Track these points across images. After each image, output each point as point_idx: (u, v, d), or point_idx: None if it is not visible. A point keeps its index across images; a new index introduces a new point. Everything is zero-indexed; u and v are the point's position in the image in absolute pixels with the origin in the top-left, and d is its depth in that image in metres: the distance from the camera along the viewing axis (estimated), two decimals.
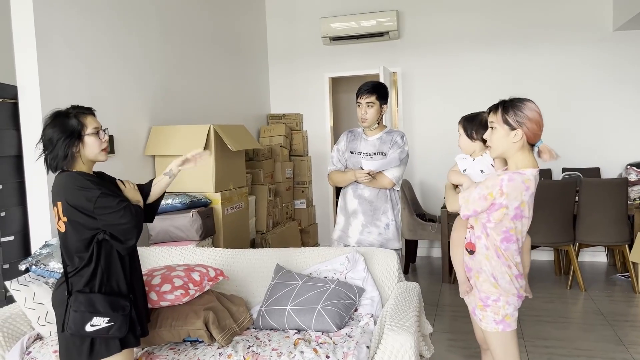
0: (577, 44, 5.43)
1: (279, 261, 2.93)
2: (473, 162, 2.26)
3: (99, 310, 1.89)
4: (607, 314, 3.97)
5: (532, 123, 1.93)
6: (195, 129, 3.72)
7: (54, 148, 1.95)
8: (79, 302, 1.89)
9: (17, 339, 2.43)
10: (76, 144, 1.97)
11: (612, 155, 5.41)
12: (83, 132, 1.98)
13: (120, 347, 1.95)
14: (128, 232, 1.95)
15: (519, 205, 1.93)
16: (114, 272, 1.99)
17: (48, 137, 1.97)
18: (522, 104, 1.96)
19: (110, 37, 3.47)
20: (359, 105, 3.08)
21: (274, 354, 2.24)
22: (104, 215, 1.91)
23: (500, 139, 1.98)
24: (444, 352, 3.40)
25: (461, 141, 2.31)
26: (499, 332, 2.04)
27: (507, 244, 1.99)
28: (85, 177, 1.97)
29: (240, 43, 5.53)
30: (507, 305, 2.02)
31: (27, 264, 2.66)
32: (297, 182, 5.97)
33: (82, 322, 1.88)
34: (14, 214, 2.96)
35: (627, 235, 4.51)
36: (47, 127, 1.99)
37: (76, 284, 1.93)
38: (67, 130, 1.96)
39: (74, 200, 1.91)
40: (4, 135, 2.89)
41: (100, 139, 2.03)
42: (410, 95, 5.94)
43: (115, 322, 1.91)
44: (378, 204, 3.08)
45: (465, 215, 2.03)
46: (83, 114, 2.02)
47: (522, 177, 1.92)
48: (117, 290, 1.98)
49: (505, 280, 2.01)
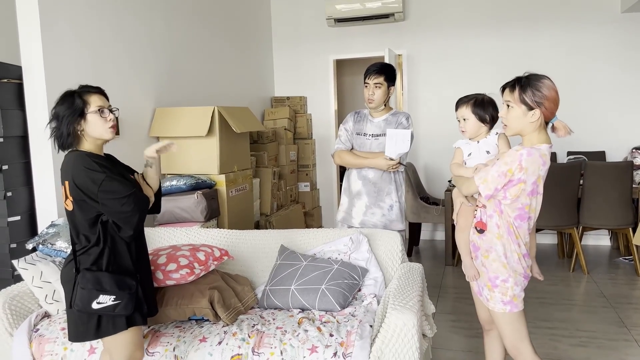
0: (584, 26, 5.37)
1: (283, 242, 2.95)
2: (478, 145, 2.24)
3: (105, 288, 1.92)
4: (609, 297, 3.99)
5: (550, 102, 1.90)
6: (200, 111, 3.71)
7: (60, 126, 1.97)
8: (86, 280, 1.92)
9: (24, 317, 2.46)
10: (79, 122, 1.98)
11: (618, 139, 5.38)
12: (86, 110, 1.99)
13: (127, 325, 1.98)
14: (127, 221, 1.94)
15: (535, 180, 1.92)
16: (120, 251, 2.01)
17: (55, 116, 1.99)
18: (539, 83, 1.90)
19: (115, 18, 3.46)
20: (366, 86, 3.06)
21: (278, 332, 2.27)
22: (107, 200, 1.91)
23: (518, 119, 1.94)
24: (446, 332, 3.43)
25: (468, 126, 2.22)
26: (506, 313, 2.05)
27: (520, 221, 1.98)
28: (93, 158, 1.97)
29: (244, 25, 5.49)
30: (515, 286, 2.02)
31: (34, 243, 2.69)
32: (301, 165, 5.97)
33: (89, 299, 1.90)
34: (20, 194, 2.98)
35: (631, 219, 4.51)
36: (56, 106, 2.01)
37: (84, 262, 1.96)
38: (70, 107, 1.97)
39: (79, 181, 1.92)
40: (9, 115, 2.90)
41: (105, 117, 2.02)
42: (416, 78, 5.90)
43: (121, 300, 1.93)
44: (382, 185, 3.08)
45: (487, 195, 1.97)
46: (88, 93, 2.02)
47: (539, 152, 1.91)
48: (123, 269, 2.00)
49: (514, 259, 2.01)
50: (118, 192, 1.92)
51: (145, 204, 2.02)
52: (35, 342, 2.36)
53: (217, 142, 3.70)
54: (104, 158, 2.06)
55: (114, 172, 1.99)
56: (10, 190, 2.92)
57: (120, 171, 2.05)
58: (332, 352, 2.13)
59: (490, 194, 1.97)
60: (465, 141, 2.29)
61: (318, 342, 2.17)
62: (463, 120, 2.24)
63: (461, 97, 2.28)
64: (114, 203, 1.91)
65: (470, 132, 2.24)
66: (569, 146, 5.43)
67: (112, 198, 1.91)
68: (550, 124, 1.96)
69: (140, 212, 1.97)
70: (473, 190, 2.05)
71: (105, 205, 1.91)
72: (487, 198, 2.01)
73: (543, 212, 2.09)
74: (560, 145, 5.44)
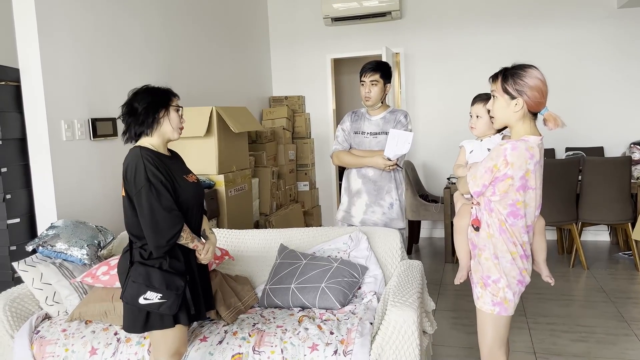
0: (581, 22, 5.38)
1: (282, 241, 2.95)
2: (481, 143, 2.22)
3: (154, 285, 1.94)
4: (609, 292, 4.00)
5: (534, 91, 1.86)
6: (198, 111, 3.72)
7: (143, 113, 2.02)
8: (137, 273, 1.96)
9: (25, 319, 2.47)
10: (163, 112, 2.04)
11: (616, 134, 5.39)
12: (170, 102, 2.07)
13: (174, 323, 2.00)
14: (148, 235, 1.95)
15: (523, 174, 1.86)
16: (172, 252, 2.01)
17: (138, 104, 2.03)
18: (522, 72, 1.88)
19: (112, 19, 3.46)
20: (362, 84, 3.06)
21: (279, 331, 2.27)
22: (138, 209, 1.95)
23: (501, 109, 1.93)
24: (447, 329, 3.43)
25: (480, 123, 2.19)
26: (493, 315, 1.98)
27: (513, 219, 1.91)
28: (154, 156, 1.99)
29: (241, 25, 5.49)
30: (507, 289, 1.95)
31: (34, 245, 2.69)
32: (300, 164, 5.98)
33: (137, 293, 1.94)
34: (19, 197, 2.98)
35: (630, 214, 4.52)
36: (137, 95, 2.06)
37: (137, 256, 2.00)
38: (157, 98, 2.04)
39: (127, 176, 1.97)
40: (7, 118, 2.90)
41: (180, 116, 2.11)
42: (413, 76, 5.91)
43: (167, 299, 1.94)
44: (382, 183, 3.09)
45: (475, 192, 1.95)
46: (170, 91, 2.11)
47: (525, 145, 1.85)
48: (175, 269, 2.00)
49: (506, 259, 1.94)
50: (146, 211, 1.92)
51: (171, 230, 1.95)
52: (36, 344, 2.36)
53: (215, 142, 3.70)
54: (166, 157, 2.09)
55: (168, 176, 1.99)
56: (10, 193, 2.92)
57: (173, 171, 2.06)
58: (332, 349, 2.14)
59: (479, 190, 1.94)
60: (470, 140, 2.28)
61: (318, 340, 2.18)
62: (476, 117, 2.22)
63: (480, 94, 2.23)
64: (142, 219, 1.94)
65: (479, 130, 2.22)
66: (567, 142, 5.44)
67: (141, 212, 1.94)
68: (540, 116, 1.91)
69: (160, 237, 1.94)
70: (467, 188, 2.00)
71: (138, 213, 1.95)
72: (476, 195, 1.98)
73: (542, 208, 2.05)
74: (558, 141, 5.45)
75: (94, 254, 2.73)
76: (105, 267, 2.52)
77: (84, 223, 2.85)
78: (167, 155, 2.12)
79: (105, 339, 2.33)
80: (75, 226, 2.77)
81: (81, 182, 3.13)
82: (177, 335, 2.05)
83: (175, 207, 1.97)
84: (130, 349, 2.28)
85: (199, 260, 2.12)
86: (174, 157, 2.19)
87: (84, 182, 3.15)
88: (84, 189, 3.15)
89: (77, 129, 3.10)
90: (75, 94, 3.11)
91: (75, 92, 3.11)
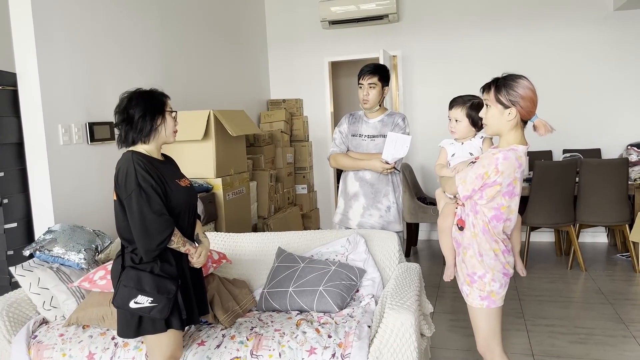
0: (577, 24, 5.39)
1: (280, 244, 2.95)
2: (462, 146, 2.27)
3: (145, 289, 1.93)
4: (607, 293, 4.00)
5: (526, 101, 1.93)
6: (196, 115, 3.72)
7: (140, 121, 2.01)
8: (129, 278, 1.95)
9: (22, 324, 2.46)
10: (160, 119, 2.04)
11: (613, 136, 5.40)
12: (165, 108, 2.07)
13: (166, 327, 2.00)
14: (137, 239, 1.94)
15: (511, 182, 1.95)
16: (164, 256, 2.01)
17: (133, 110, 2.02)
18: (514, 82, 1.95)
19: (109, 23, 3.46)
20: (360, 87, 3.07)
21: (277, 335, 2.27)
22: (129, 213, 1.94)
23: (494, 118, 1.99)
24: (445, 331, 3.43)
25: (459, 127, 2.27)
26: (483, 309, 2.07)
27: (496, 222, 2.01)
28: (142, 160, 1.98)
29: (239, 28, 5.50)
30: (492, 282, 2.04)
31: (31, 249, 2.69)
32: (298, 167, 5.98)
33: (128, 297, 1.93)
34: (16, 201, 2.98)
35: (628, 215, 4.52)
36: (132, 100, 2.04)
37: (128, 260, 1.99)
38: (153, 103, 2.04)
39: (118, 180, 1.97)
40: (4, 122, 2.90)
41: (174, 119, 2.11)
42: (411, 79, 5.92)
43: (158, 303, 1.93)
44: (379, 186, 3.09)
45: (464, 196, 2.02)
46: (162, 95, 2.10)
47: (515, 154, 1.93)
48: (166, 273, 1.99)
49: (489, 257, 2.03)
50: (136, 215, 1.92)
51: (161, 234, 1.94)
52: (33, 348, 2.35)
53: (213, 146, 3.71)
54: (159, 161, 2.09)
55: (159, 181, 1.98)
56: (7, 197, 2.92)
57: (169, 177, 2.05)
58: (330, 353, 2.13)
59: (467, 194, 2.01)
60: (450, 141, 2.34)
61: (316, 344, 2.18)
62: (455, 121, 2.28)
63: (456, 97, 2.30)
64: (132, 223, 1.94)
65: (460, 133, 2.29)
66: (564, 144, 5.45)
67: (131, 216, 1.93)
68: (530, 123, 1.99)
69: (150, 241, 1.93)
70: (454, 190, 2.08)
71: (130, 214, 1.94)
72: (464, 199, 2.06)
73: (540, 210, 2.11)
74: (556, 143, 5.46)
75: (91, 258, 2.73)
76: (103, 272, 2.52)
77: (82, 227, 2.85)
78: (159, 159, 2.11)
79: (102, 343, 2.33)
80: (72, 230, 2.77)
81: (78, 186, 3.13)
82: (171, 340, 2.04)
83: (165, 212, 1.96)
84: (127, 354, 2.28)
85: (192, 264, 2.12)
86: (167, 161, 2.18)
87: (81, 187, 3.15)
88: (81, 193, 3.15)
89: (75, 133, 3.10)
90: (72, 98, 3.11)
91: (72, 96, 3.11)
